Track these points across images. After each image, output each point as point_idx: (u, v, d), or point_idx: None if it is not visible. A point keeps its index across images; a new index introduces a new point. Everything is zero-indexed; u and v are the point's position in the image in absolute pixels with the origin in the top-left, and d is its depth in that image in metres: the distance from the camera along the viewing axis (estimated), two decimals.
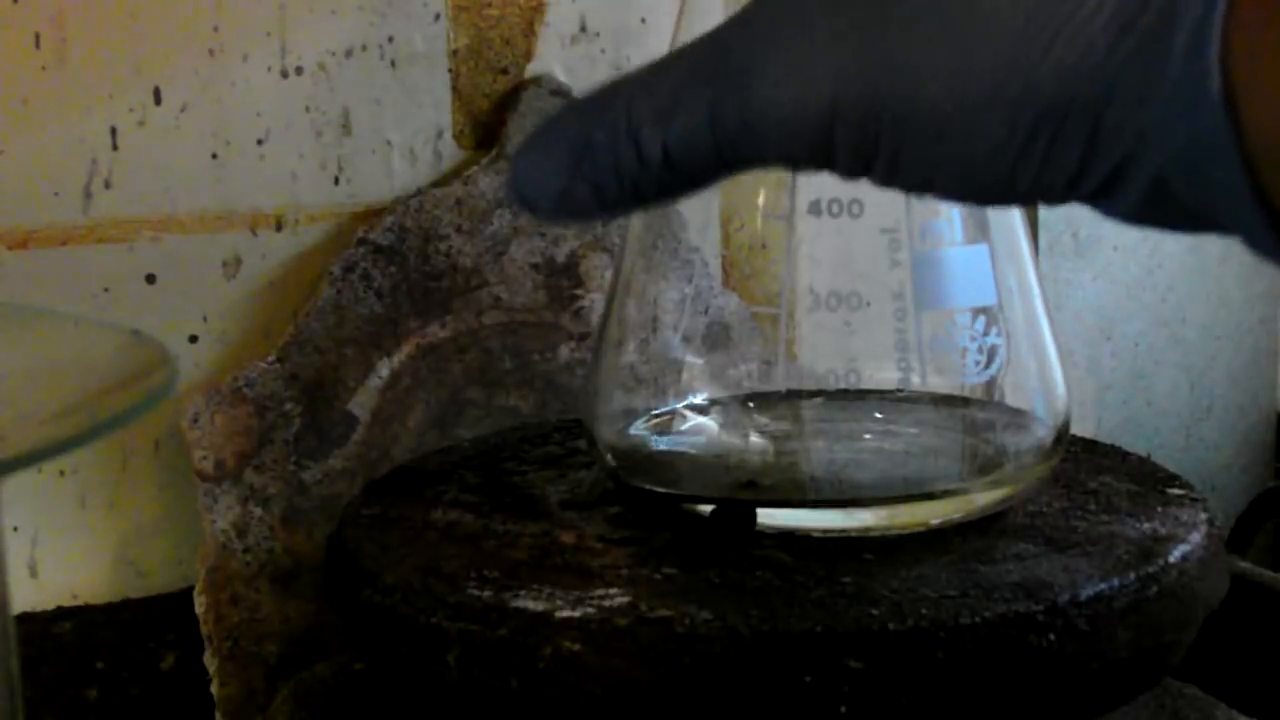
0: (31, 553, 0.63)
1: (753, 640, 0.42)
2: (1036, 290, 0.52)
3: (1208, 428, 0.82)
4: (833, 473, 0.51)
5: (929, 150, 0.32)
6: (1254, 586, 0.66)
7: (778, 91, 0.32)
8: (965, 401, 0.52)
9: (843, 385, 0.52)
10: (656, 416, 0.54)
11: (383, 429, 0.65)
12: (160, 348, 0.44)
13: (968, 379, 0.51)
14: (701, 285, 0.56)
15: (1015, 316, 0.51)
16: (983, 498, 0.50)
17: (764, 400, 0.54)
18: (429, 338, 0.66)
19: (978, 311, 0.50)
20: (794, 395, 0.54)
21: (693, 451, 0.53)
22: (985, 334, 0.50)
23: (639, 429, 0.53)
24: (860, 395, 0.53)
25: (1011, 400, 0.52)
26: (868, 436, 0.54)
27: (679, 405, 0.54)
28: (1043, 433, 0.51)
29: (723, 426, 0.53)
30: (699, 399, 0.54)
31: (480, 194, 0.67)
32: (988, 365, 0.50)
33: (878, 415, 0.53)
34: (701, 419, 0.54)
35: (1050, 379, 0.52)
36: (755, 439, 0.53)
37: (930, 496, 0.49)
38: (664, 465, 0.52)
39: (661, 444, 0.53)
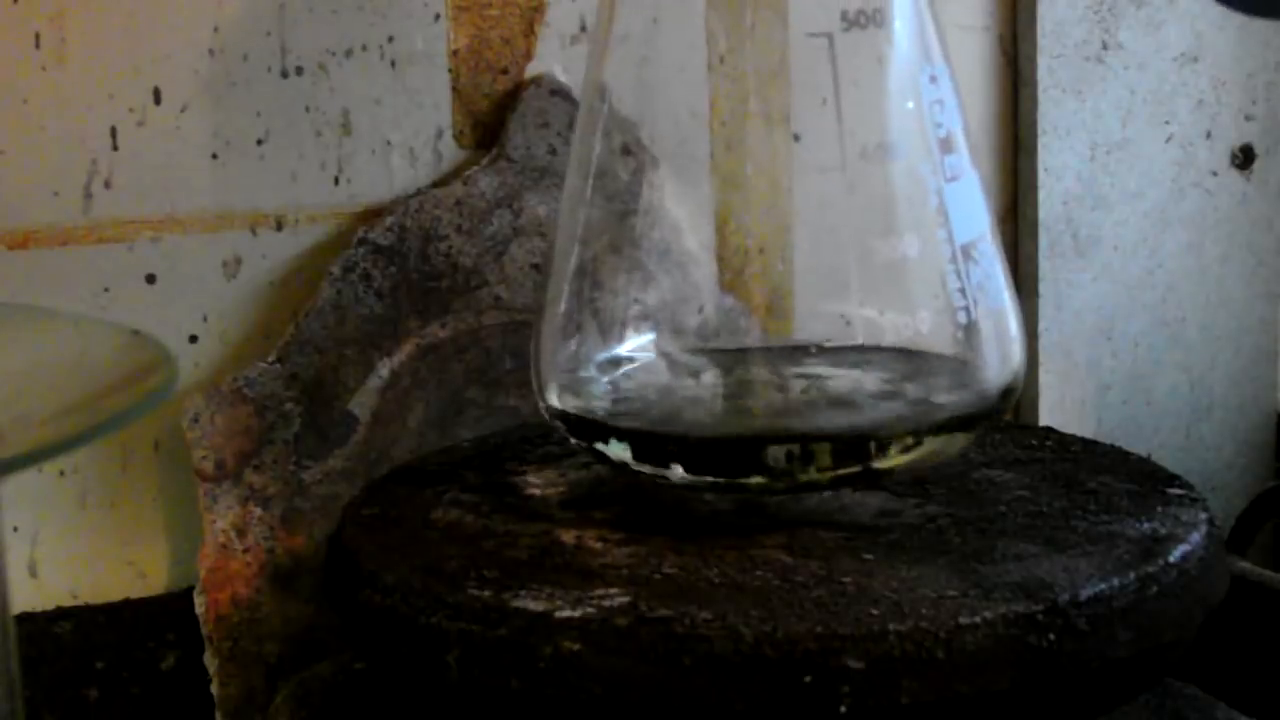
0: (31, 553, 0.63)
1: (753, 640, 0.42)
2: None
3: (1208, 428, 0.82)
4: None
5: None
6: (1254, 586, 0.66)
7: None
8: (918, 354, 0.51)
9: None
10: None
11: (383, 429, 0.65)
12: (160, 348, 0.44)
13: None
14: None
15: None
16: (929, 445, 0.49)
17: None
18: (429, 338, 0.66)
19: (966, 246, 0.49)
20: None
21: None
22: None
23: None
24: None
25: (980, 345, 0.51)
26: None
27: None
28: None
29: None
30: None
31: (480, 194, 0.67)
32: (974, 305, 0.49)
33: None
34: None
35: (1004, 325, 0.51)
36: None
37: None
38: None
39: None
